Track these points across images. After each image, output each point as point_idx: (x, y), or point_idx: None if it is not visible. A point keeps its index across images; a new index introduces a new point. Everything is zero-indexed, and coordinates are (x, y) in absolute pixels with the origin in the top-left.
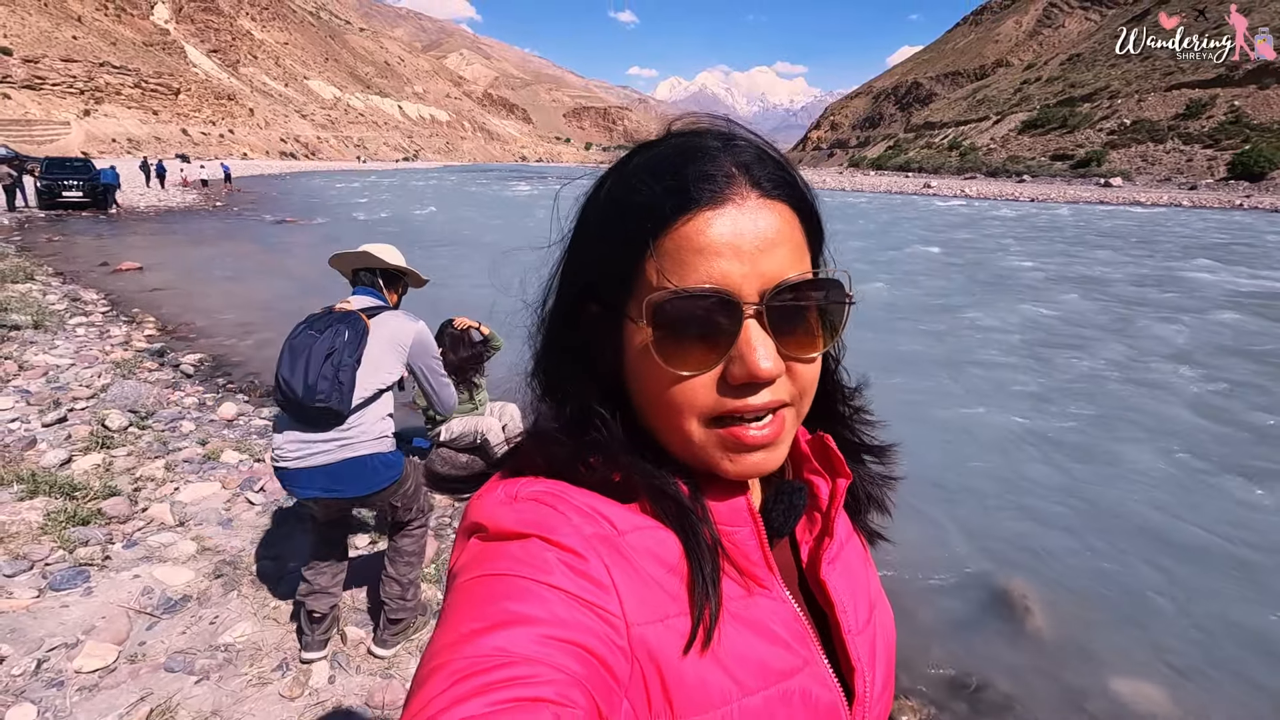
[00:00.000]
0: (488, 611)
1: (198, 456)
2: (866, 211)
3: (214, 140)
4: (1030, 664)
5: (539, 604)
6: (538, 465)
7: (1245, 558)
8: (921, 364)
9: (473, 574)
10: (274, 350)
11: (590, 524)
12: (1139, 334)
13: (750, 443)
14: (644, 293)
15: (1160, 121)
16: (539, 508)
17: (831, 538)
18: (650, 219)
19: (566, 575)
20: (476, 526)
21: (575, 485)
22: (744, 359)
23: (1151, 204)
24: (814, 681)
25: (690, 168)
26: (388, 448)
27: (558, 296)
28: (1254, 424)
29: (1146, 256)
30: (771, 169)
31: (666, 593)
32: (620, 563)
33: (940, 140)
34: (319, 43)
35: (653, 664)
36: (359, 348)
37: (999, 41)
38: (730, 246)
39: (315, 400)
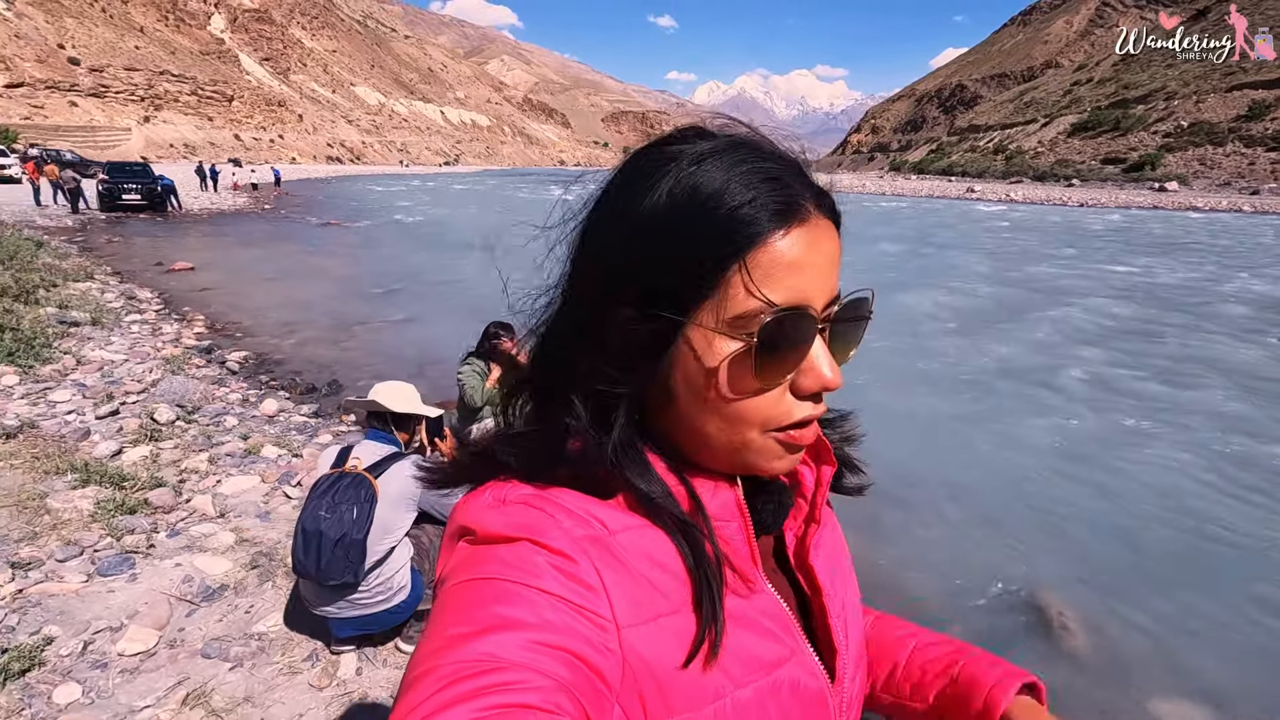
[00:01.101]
0: (476, 615)
1: (239, 451)
2: (907, 215)
3: (264, 145)
4: (1065, 682)
5: (528, 608)
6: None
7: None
8: (956, 375)
9: (461, 578)
10: (316, 349)
11: (580, 526)
12: (1193, 347)
13: (802, 444)
14: (729, 305)
15: (1220, 123)
16: (528, 510)
17: (818, 524)
18: (746, 230)
19: (556, 579)
20: (464, 530)
21: (566, 487)
22: (817, 371)
23: (1210, 209)
24: (801, 669)
25: (774, 180)
26: (404, 596)
27: (586, 301)
28: None
29: (1202, 263)
30: (824, 192)
31: (659, 591)
32: (611, 563)
33: (985, 144)
34: (365, 50)
35: (644, 665)
36: (368, 520)
37: (1048, 42)
38: (814, 265)
39: (328, 581)
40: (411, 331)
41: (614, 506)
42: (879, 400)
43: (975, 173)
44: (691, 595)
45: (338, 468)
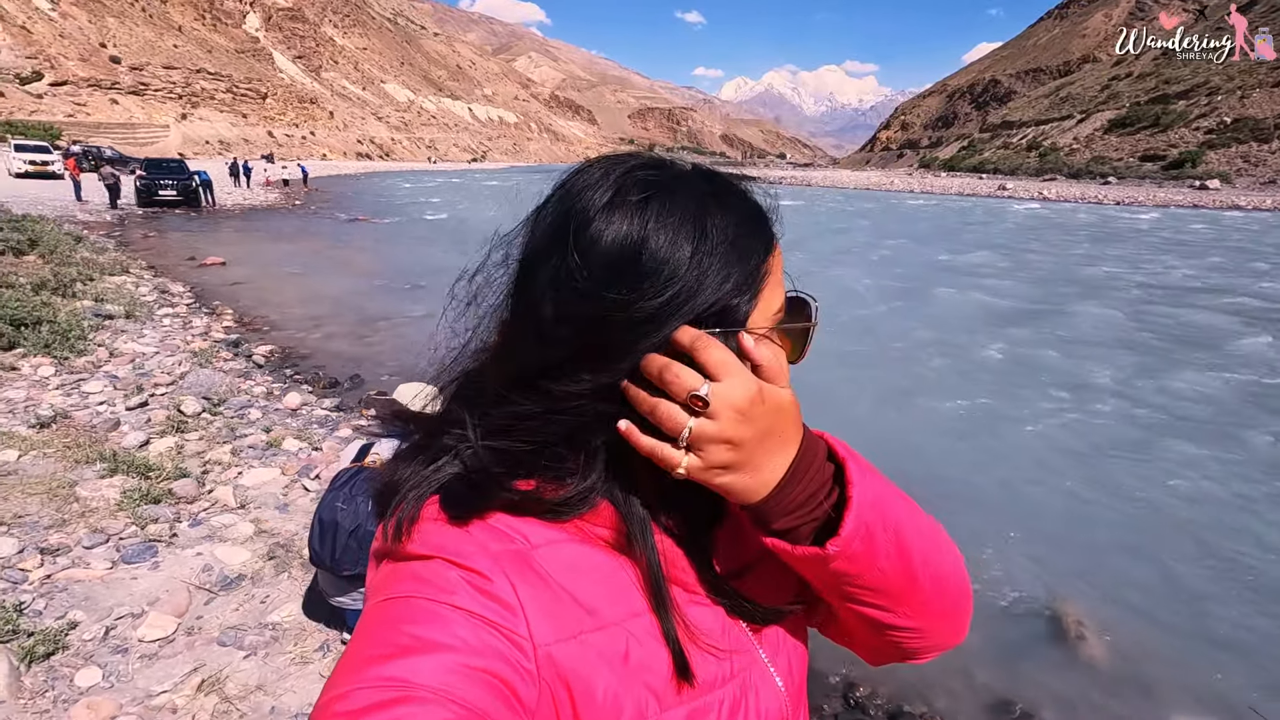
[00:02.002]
0: (390, 636)
1: (261, 443)
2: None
3: (296, 142)
4: (1080, 694)
5: (442, 627)
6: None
7: None
8: (976, 378)
9: (379, 597)
10: (340, 344)
11: (498, 540)
12: (1220, 351)
13: None
14: (770, 304)
15: (1266, 119)
16: (443, 528)
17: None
18: (769, 234)
19: (470, 595)
20: (384, 550)
21: (493, 503)
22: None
23: (1253, 208)
24: (747, 687)
25: (761, 198)
26: None
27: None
28: None
29: (1223, 262)
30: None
31: (581, 607)
32: (530, 579)
33: (1018, 140)
34: (395, 47)
35: (562, 684)
36: None
37: (1085, 36)
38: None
39: (342, 572)
40: (433, 327)
41: (538, 520)
42: (895, 405)
43: (1007, 170)
44: (626, 611)
45: (358, 463)
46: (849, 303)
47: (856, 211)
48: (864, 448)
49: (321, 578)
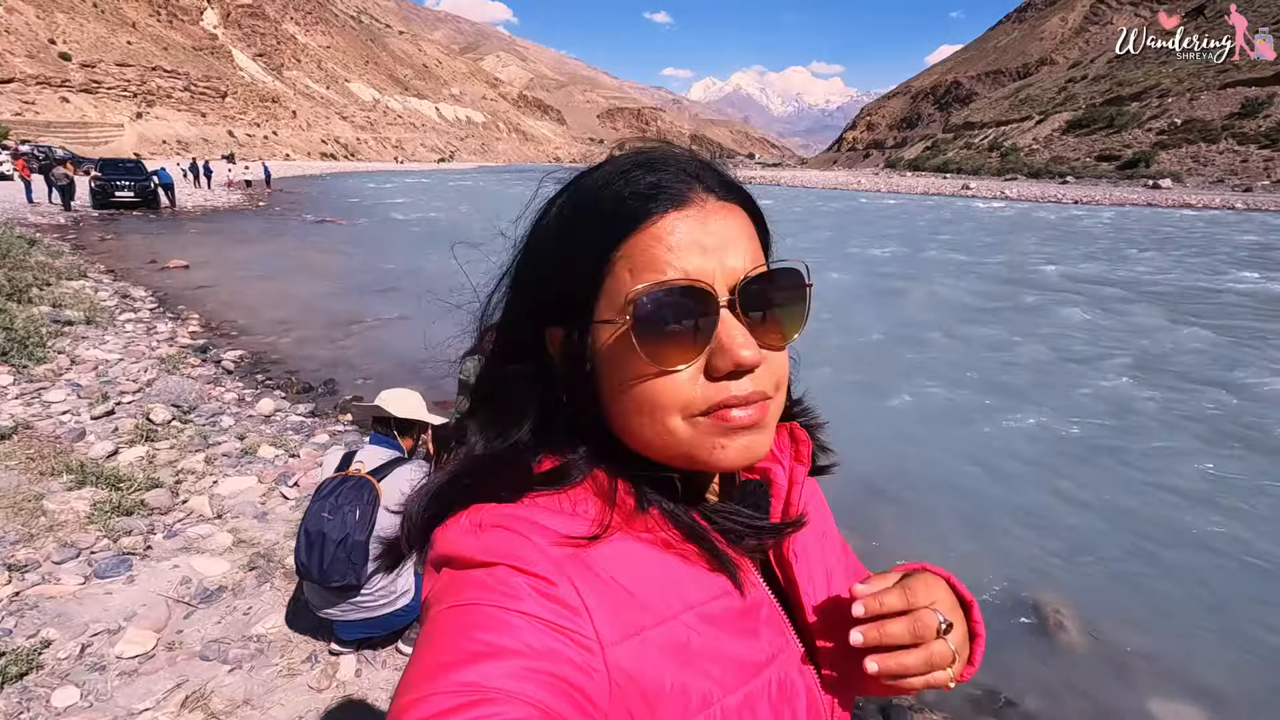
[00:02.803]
0: (460, 643)
1: (236, 451)
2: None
3: (258, 142)
4: (1062, 680)
5: (510, 633)
6: (498, 488)
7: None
8: (950, 374)
9: (444, 605)
10: (312, 348)
11: (557, 544)
12: (1183, 345)
13: (738, 423)
14: (617, 292)
15: (1213, 121)
16: (504, 534)
17: (796, 521)
18: (620, 222)
19: (537, 601)
20: (445, 558)
21: (539, 505)
22: (725, 349)
23: (1203, 206)
24: (789, 667)
25: (652, 174)
26: (408, 600)
27: (511, 320)
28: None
29: (1189, 257)
30: (720, 175)
31: (641, 604)
32: (591, 580)
33: (980, 141)
34: (360, 46)
35: (631, 681)
36: (371, 522)
37: (1043, 39)
38: (697, 244)
39: (331, 584)
40: (408, 330)
41: (588, 519)
42: (876, 398)
43: (970, 170)
44: (681, 603)
45: (341, 471)
46: (828, 298)
47: (847, 210)
48: (840, 440)
49: (308, 590)
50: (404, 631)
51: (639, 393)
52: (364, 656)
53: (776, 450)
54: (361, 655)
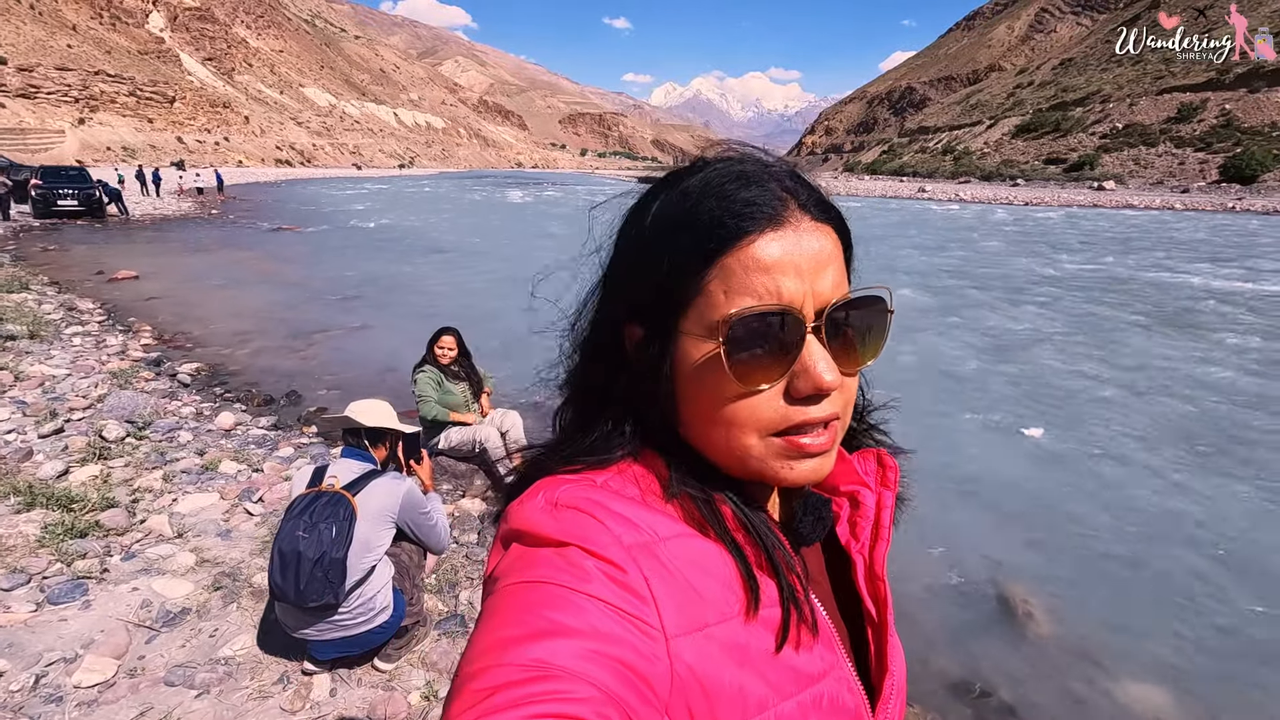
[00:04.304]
0: (527, 619)
1: (196, 467)
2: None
3: (209, 148)
4: (1033, 670)
5: (578, 614)
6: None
7: (1254, 563)
8: (920, 371)
9: (513, 579)
10: (272, 359)
11: (631, 532)
12: (1141, 339)
13: (809, 450)
14: (709, 310)
15: (1152, 125)
16: (579, 516)
17: (886, 544)
18: (715, 238)
19: (606, 585)
20: (516, 533)
21: (615, 492)
22: (809, 372)
23: (1145, 207)
24: (840, 685)
25: (748, 191)
26: (387, 616)
27: (600, 321)
28: (1260, 426)
29: (1129, 255)
30: (816, 195)
31: (706, 601)
32: (660, 571)
33: (934, 145)
34: (314, 50)
35: (692, 675)
36: (348, 538)
37: (991, 46)
38: (792, 265)
39: (309, 604)
40: (371, 339)
41: (663, 513)
42: None
43: (926, 173)
44: (742, 605)
45: (314, 487)
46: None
47: None
48: None
49: (281, 610)
50: (380, 649)
51: (719, 407)
52: (339, 676)
53: (862, 473)
54: (336, 674)
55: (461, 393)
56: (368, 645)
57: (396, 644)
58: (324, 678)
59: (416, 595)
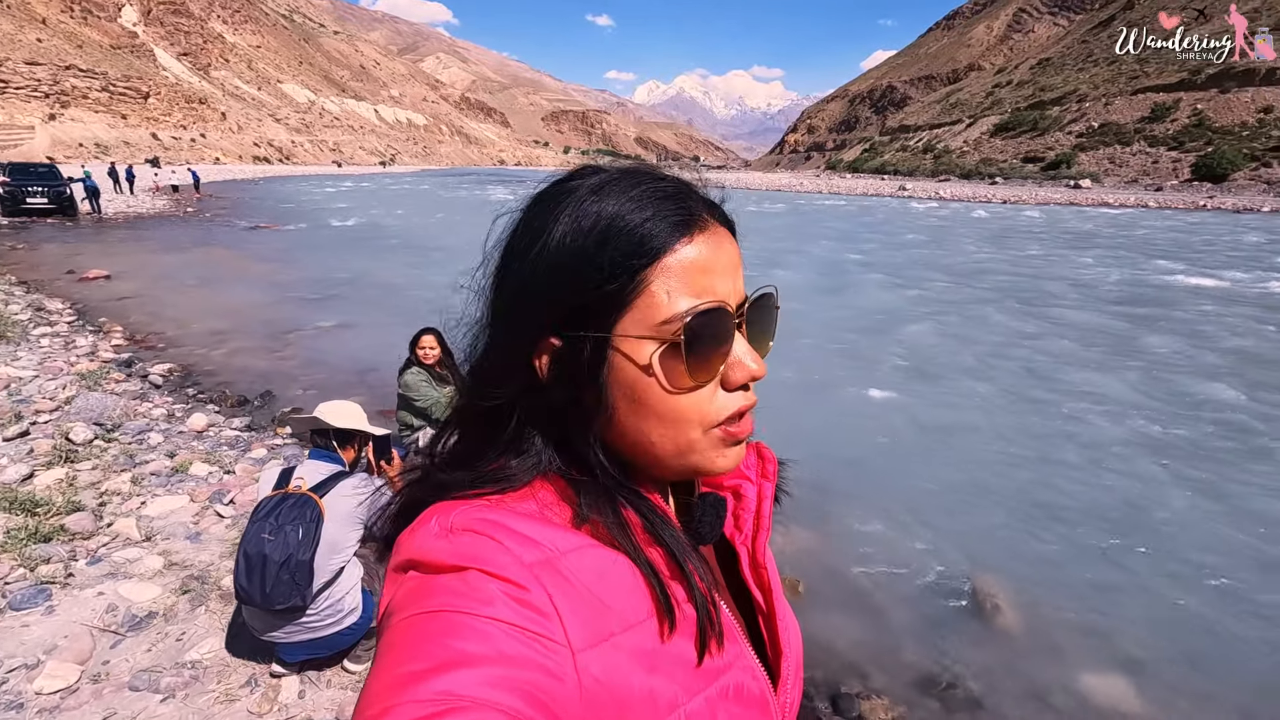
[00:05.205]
0: (429, 650)
1: (166, 469)
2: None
3: (185, 145)
4: (998, 661)
5: (482, 640)
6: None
7: (1208, 553)
8: (886, 367)
9: (410, 611)
10: (247, 359)
11: (531, 550)
12: (1106, 335)
13: (742, 436)
14: (651, 312)
15: (1126, 124)
16: (476, 538)
17: (767, 534)
18: (650, 243)
19: (509, 606)
20: (411, 563)
21: (511, 510)
22: (741, 363)
23: (1120, 205)
24: (745, 673)
25: (672, 200)
26: (356, 617)
27: (511, 339)
28: (1216, 419)
29: (1110, 256)
30: (715, 203)
31: (612, 610)
32: (563, 586)
33: (915, 143)
34: (292, 46)
35: (602, 686)
36: (314, 540)
37: (970, 46)
38: (720, 265)
39: (275, 606)
40: (350, 338)
41: (562, 526)
42: (819, 395)
43: (906, 171)
44: (649, 611)
45: (280, 489)
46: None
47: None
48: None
49: (248, 613)
50: (350, 650)
51: (669, 406)
52: (307, 678)
53: (744, 467)
54: (305, 676)
55: (447, 395)
56: (337, 647)
57: (367, 645)
58: (292, 680)
59: None
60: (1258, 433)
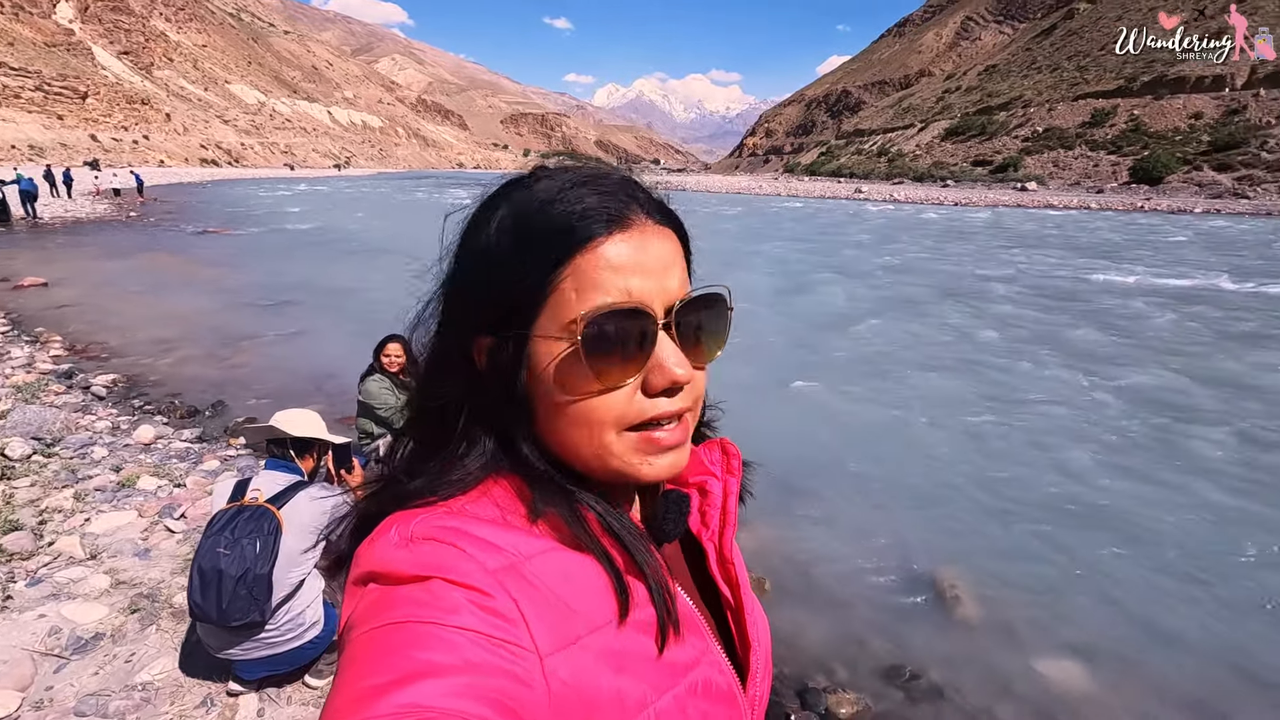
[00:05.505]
0: (393, 663)
1: (111, 484)
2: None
3: (127, 147)
4: (959, 651)
5: (447, 650)
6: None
7: (1150, 539)
8: (844, 367)
9: (373, 624)
10: (197, 368)
11: (494, 556)
12: (1048, 332)
13: (664, 444)
14: (562, 310)
15: (1069, 129)
16: (438, 547)
17: (733, 530)
18: (566, 239)
19: (474, 614)
20: (371, 575)
21: (473, 516)
22: (662, 367)
23: (1064, 207)
24: (712, 669)
25: (595, 196)
26: (317, 631)
27: (448, 336)
28: (1148, 407)
29: (1045, 254)
30: (656, 200)
31: (577, 613)
32: (528, 591)
33: (870, 147)
34: (240, 45)
35: (570, 689)
36: (273, 554)
37: (921, 52)
38: (640, 265)
39: (232, 623)
40: (305, 345)
41: (525, 531)
42: (776, 394)
43: (862, 174)
44: (614, 611)
45: (236, 501)
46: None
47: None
48: (734, 435)
49: (203, 630)
50: (312, 664)
51: (578, 407)
52: (266, 695)
53: (709, 463)
54: (264, 694)
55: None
56: (297, 662)
57: (329, 659)
58: (250, 698)
59: None
60: (1187, 419)
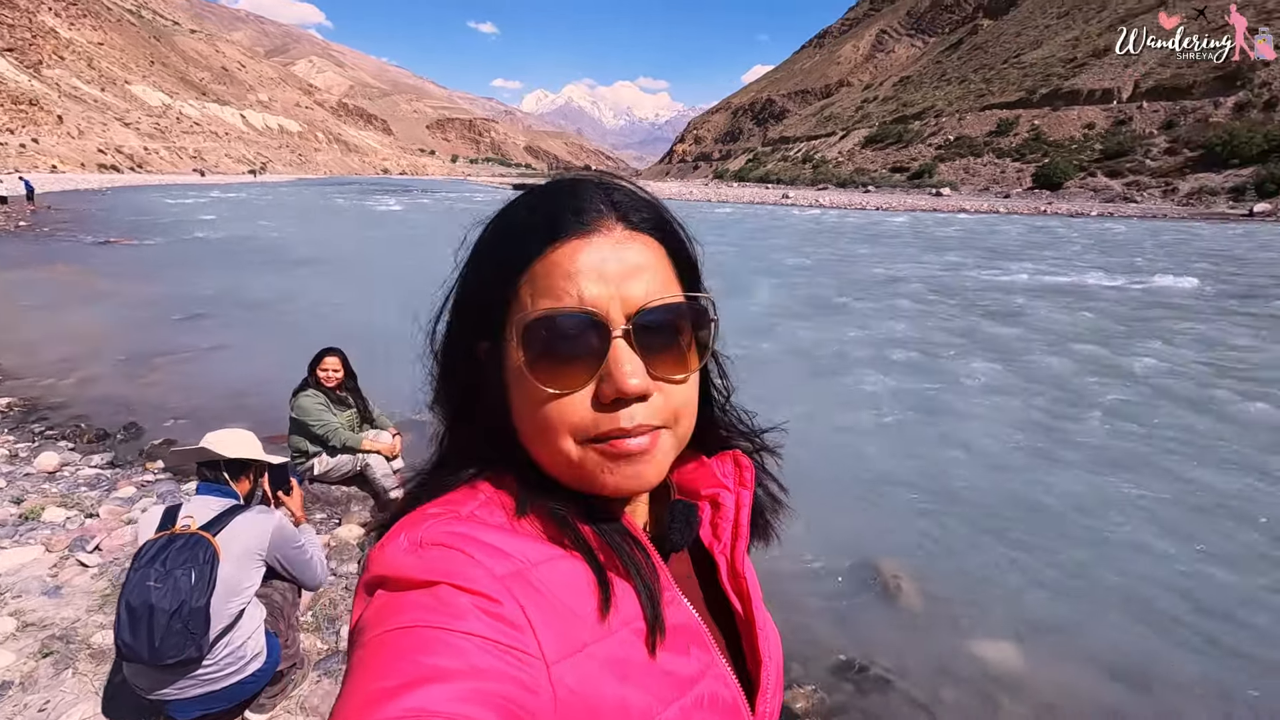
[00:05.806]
0: (400, 667)
1: (12, 517)
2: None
3: (13, 151)
4: (905, 639)
5: (454, 655)
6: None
7: (1084, 521)
8: (783, 365)
9: (381, 629)
10: (105, 387)
11: (502, 562)
12: (976, 327)
13: (625, 451)
14: (519, 317)
15: (977, 138)
16: (446, 552)
17: (745, 542)
18: (523, 246)
19: (481, 620)
20: (380, 579)
21: (481, 522)
22: (611, 376)
23: (975, 211)
24: (717, 682)
25: (564, 202)
26: (260, 664)
27: (449, 334)
28: (1092, 402)
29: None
30: (641, 208)
31: (583, 621)
32: (535, 598)
33: (795, 154)
34: (141, 44)
35: (576, 697)
36: (209, 584)
37: (840, 64)
38: (595, 271)
39: (166, 661)
40: (223, 361)
41: (533, 538)
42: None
43: (788, 180)
44: (615, 617)
45: (166, 530)
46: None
47: None
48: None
49: (132, 671)
50: (253, 699)
51: (535, 413)
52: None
53: (721, 475)
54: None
55: (347, 419)
56: (237, 698)
57: (270, 691)
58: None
59: (292, 636)
60: (1095, 407)
